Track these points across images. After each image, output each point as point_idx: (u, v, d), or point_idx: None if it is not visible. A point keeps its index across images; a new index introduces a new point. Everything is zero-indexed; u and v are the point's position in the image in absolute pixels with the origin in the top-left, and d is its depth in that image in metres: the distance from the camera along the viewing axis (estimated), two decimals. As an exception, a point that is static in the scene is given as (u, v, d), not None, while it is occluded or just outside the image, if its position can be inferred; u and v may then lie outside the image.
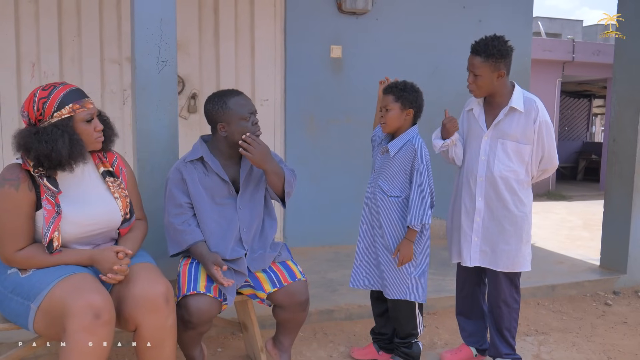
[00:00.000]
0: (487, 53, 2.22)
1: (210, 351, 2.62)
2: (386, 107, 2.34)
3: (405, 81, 2.40)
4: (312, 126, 4.39)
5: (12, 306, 1.82)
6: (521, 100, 2.30)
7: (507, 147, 2.31)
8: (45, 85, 1.88)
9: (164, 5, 2.40)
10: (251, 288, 2.23)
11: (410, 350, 2.44)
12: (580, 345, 2.86)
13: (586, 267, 4.06)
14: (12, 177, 1.82)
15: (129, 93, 3.95)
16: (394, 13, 4.52)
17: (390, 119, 2.33)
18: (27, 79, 3.75)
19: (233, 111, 2.15)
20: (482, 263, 2.40)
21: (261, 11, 4.26)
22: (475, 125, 2.41)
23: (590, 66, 10.96)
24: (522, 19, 4.89)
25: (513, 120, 2.30)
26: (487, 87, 2.29)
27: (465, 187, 2.43)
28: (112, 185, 2.00)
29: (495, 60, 2.23)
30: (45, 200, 1.83)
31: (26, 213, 1.82)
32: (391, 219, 2.34)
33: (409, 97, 2.34)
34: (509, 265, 2.37)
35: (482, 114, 2.39)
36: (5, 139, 3.72)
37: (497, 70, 2.25)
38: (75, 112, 1.85)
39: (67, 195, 1.88)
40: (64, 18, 3.80)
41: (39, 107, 1.83)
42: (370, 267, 2.44)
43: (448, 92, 4.63)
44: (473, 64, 2.27)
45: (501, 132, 2.32)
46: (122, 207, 1.99)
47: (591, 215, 7.01)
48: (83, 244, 1.94)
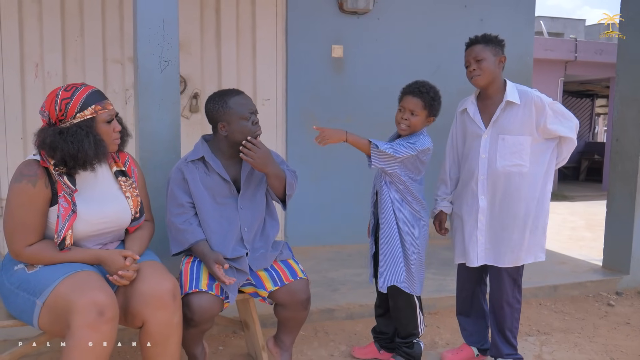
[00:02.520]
0: (486, 39, 2.29)
1: (212, 349, 2.63)
2: (412, 111, 2.28)
3: (433, 87, 2.33)
4: (313, 126, 4.39)
5: (18, 302, 1.84)
6: (516, 94, 2.29)
7: (508, 142, 2.30)
8: (66, 86, 1.91)
9: (166, 5, 2.41)
10: (253, 286, 2.23)
11: (411, 350, 2.44)
12: (583, 345, 2.86)
13: (588, 267, 4.05)
14: (30, 173, 1.85)
15: (131, 93, 3.96)
16: (395, 12, 4.52)
17: (414, 123, 2.29)
18: (31, 79, 3.77)
19: (233, 110, 2.16)
20: (487, 261, 2.40)
21: (262, 11, 4.27)
22: (472, 125, 2.39)
23: (592, 66, 10.93)
24: (524, 18, 4.88)
25: (511, 114, 2.29)
26: (490, 72, 2.27)
27: (467, 187, 2.42)
28: (124, 184, 2.03)
29: (494, 46, 2.29)
30: (62, 198, 1.85)
31: (40, 209, 1.85)
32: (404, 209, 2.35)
33: (437, 107, 2.33)
34: (514, 259, 2.36)
35: (477, 112, 2.37)
36: (10, 137, 3.74)
37: (498, 55, 2.29)
38: (98, 113, 1.89)
39: (81, 194, 1.91)
40: (66, 18, 3.81)
41: (61, 108, 1.85)
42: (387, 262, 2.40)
43: (449, 92, 4.59)
44: (474, 51, 2.28)
45: (500, 128, 2.31)
46: (133, 206, 2.02)
47: (593, 216, 6.99)
48: (92, 241, 1.96)
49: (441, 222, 2.54)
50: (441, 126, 2.60)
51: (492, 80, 2.30)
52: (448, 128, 2.56)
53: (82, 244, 1.94)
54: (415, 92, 2.29)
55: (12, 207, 1.84)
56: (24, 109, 3.76)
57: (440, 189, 2.54)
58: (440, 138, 2.65)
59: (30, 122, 3.73)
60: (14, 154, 3.73)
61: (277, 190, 2.25)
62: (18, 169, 1.87)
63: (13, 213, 1.84)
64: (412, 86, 2.33)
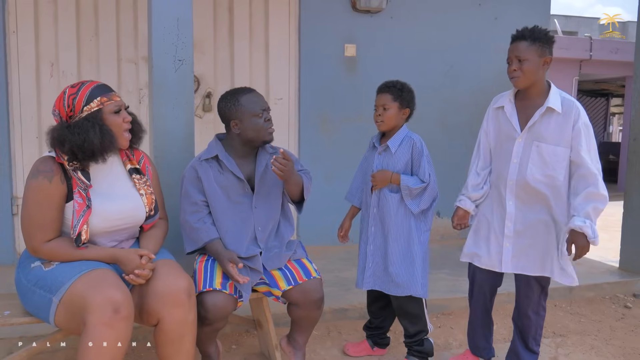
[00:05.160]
0: (534, 37, 2.09)
1: (225, 348, 2.63)
2: (384, 105, 2.37)
3: (400, 81, 2.44)
4: (325, 125, 4.39)
5: (35, 299, 1.85)
6: (559, 101, 2.12)
7: (543, 150, 2.13)
8: (73, 84, 1.97)
9: (180, 4, 2.41)
10: (266, 285, 2.23)
11: (422, 347, 2.45)
12: (599, 348, 2.82)
13: (605, 268, 4.00)
14: (45, 169, 1.88)
15: (145, 92, 3.98)
16: (408, 11, 4.50)
17: (388, 117, 2.37)
18: (46, 79, 3.80)
19: (245, 108, 2.17)
20: (515, 269, 2.27)
21: (275, 10, 4.27)
22: (507, 125, 2.22)
23: (608, 64, 10.78)
24: (538, 16, 4.82)
25: (550, 121, 2.12)
26: (532, 74, 2.10)
27: (494, 190, 2.30)
28: (138, 182, 2.04)
29: (541, 45, 2.09)
30: (77, 194, 1.88)
31: (57, 205, 1.87)
32: (398, 215, 2.36)
33: (407, 97, 2.40)
34: (544, 270, 2.23)
35: (514, 113, 2.21)
36: (25, 137, 3.78)
37: (544, 56, 2.11)
38: (104, 104, 1.93)
39: (96, 190, 1.93)
40: (81, 18, 3.85)
41: (69, 104, 1.90)
42: (377, 268, 2.43)
43: (463, 91, 4.60)
44: (518, 49, 2.10)
45: (537, 135, 2.14)
46: (147, 203, 2.04)
47: (609, 216, 6.85)
48: (108, 238, 1.98)
49: (458, 218, 2.40)
50: (453, 125, 2.59)
51: (533, 82, 2.14)
52: (460, 126, 2.54)
53: (98, 240, 1.95)
54: (383, 88, 2.41)
55: (29, 204, 1.87)
56: (39, 108, 3.80)
57: (467, 186, 2.37)
58: (452, 137, 2.67)
59: (45, 121, 3.77)
60: (29, 152, 3.77)
61: (294, 195, 2.26)
62: (34, 165, 1.91)
63: (30, 209, 1.86)
64: (381, 85, 2.44)
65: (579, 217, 2.08)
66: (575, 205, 2.11)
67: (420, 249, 2.38)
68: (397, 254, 2.37)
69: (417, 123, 2.51)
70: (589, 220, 2.08)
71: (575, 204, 2.12)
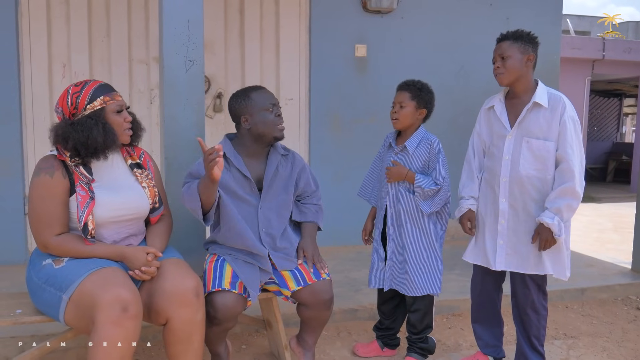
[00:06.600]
0: (515, 36, 2.21)
1: (235, 348, 2.64)
2: (401, 103, 2.37)
3: (421, 81, 2.43)
4: (336, 125, 4.39)
5: (45, 297, 1.88)
6: (545, 96, 2.20)
7: (533, 145, 2.21)
8: (76, 83, 2.01)
9: (191, 5, 2.43)
10: (276, 285, 2.24)
11: (426, 344, 2.49)
12: (611, 350, 2.79)
13: (617, 270, 3.95)
14: (47, 165, 1.93)
15: (156, 92, 4.01)
16: (419, 11, 4.48)
17: (403, 115, 2.37)
18: (59, 79, 3.84)
19: (255, 102, 2.18)
20: (508, 267, 2.31)
21: (286, 11, 4.28)
22: (498, 124, 2.30)
23: (621, 64, 10.68)
24: (550, 16, 4.79)
25: (538, 117, 2.20)
26: (515, 71, 2.20)
27: (487, 189, 2.35)
28: (140, 175, 2.08)
29: (524, 43, 2.20)
30: (79, 187, 1.91)
31: (61, 199, 1.91)
32: (415, 215, 2.38)
33: (425, 97, 2.39)
34: (538, 267, 2.27)
35: (504, 112, 2.29)
36: (38, 137, 3.82)
37: (527, 53, 2.20)
38: (106, 103, 1.97)
39: (99, 183, 1.97)
40: (93, 19, 3.88)
41: (72, 102, 1.94)
42: (394, 268, 2.44)
43: (474, 92, 4.57)
44: (501, 48, 2.22)
45: (526, 130, 2.22)
46: (150, 195, 2.06)
47: (621, 218, 6.83)
48: (113, 229, 1.99)
49: (470, 221, 2.40)
50: (464, 126, 2.58)
51: (516, 79, 2.22)
52: (471, 127, 2.51)
53: (104, 232, 1.97)
54: (403, 86, 2.41)
55: (34, 200, 1.91)
56: (51, 109, 3.83)
57: (467, 187, 2.41)
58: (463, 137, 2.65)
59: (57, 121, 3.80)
60: (41, 153, 3.79)
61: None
62: (37, 165, 1.96)
63: (36, 205, 1.90)
64: (401, 82, 2.45)
65: (550, 212, 2.16)
66: (550, 199, 2.19)
67: (437, 249, 2.41)
68: (415, 255, 2.38)
69: (428, 123, 2.50)
70: (558, 217, 2.15)
71: (550, 198, 2.19)
